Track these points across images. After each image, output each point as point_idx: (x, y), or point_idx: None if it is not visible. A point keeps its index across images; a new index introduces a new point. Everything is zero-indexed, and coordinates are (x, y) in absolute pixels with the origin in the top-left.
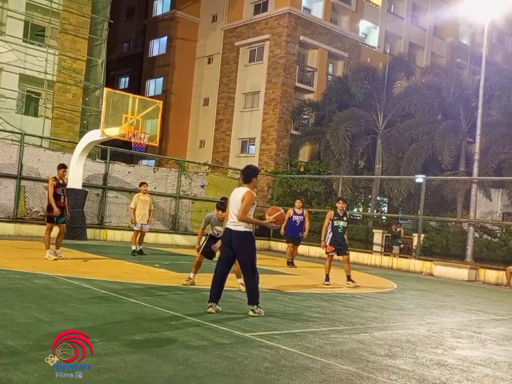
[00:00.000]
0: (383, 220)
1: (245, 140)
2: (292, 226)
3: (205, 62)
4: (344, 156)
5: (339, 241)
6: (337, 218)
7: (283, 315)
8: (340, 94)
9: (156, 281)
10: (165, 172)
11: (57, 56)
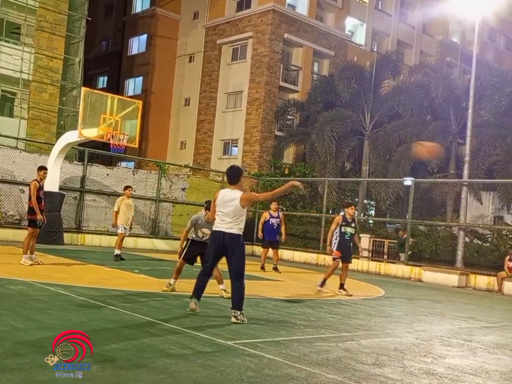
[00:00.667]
0: (370, 224)
1: (227, 142)
2: (269, 230)
3: (186, 60)
4: (329, 158)
5: (345, 248)
6: (345, 224)
7: (266, 323)
8: (326, 94)
9: (135, 287)
10: (144, 174)
11: (33, 55)
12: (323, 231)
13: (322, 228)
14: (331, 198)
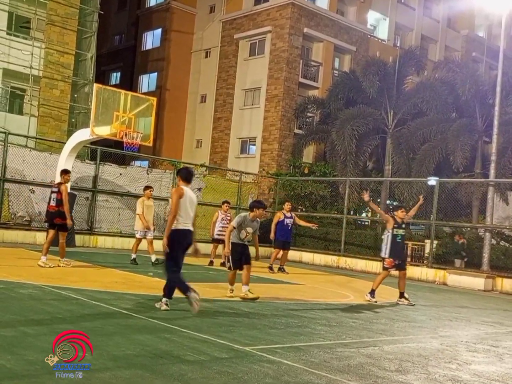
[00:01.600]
0: None
1: (245, 140)
2: (284, 230)
3: (202, 56)
4: (350, 157)
5: (399, 254)
6: (397, 226)
7: (285, 328)
8: (347, 90)
9: (149, 291)
10: (159, 174)
11: (43, 50)
12: (344, 233)
13: (343, 229)
14: (352, 199)
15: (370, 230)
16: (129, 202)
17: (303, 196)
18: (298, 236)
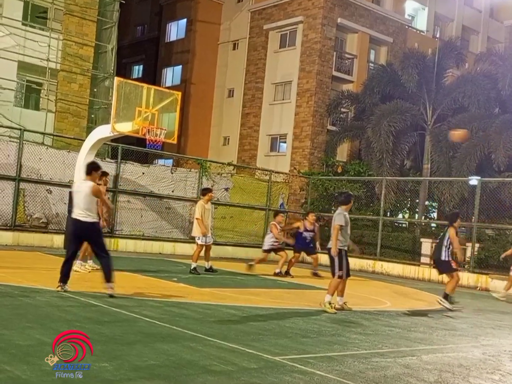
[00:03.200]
0: (432, 227)
1: (275, 137)
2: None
3: (230, 48)
4: (387, 155)
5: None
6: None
7: (318, 336)
8: (383, 84)
9: (174, 297)
10: (184, 173)
11: (61, 41)
12: (380, 235)
13: (379, 232)
14: (389, 199)
15: (407, 233)
16: (152, 203)
17: (336, 197)
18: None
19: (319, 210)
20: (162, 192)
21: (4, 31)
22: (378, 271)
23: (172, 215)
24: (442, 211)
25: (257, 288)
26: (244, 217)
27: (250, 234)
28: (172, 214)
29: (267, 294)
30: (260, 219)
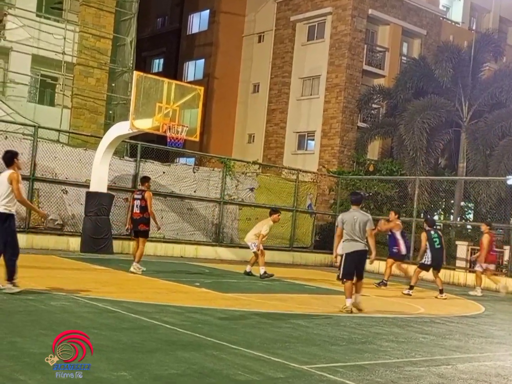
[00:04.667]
0: (468, 230)
1: (302, 134)
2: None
3: (255, 40)
4: (420, 153)
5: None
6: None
7: (348, 344)
8: (417, 79)
9: (196, 302)
10: (207, 172)
11: (77, 34)
12: (414, 238)
13: (412, 234)
14: (423, 200)
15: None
16: (173, 204)
17: (367, 197)
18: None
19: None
20: (184, 192)
21: (18, 23)
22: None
23: (194, 216)
24: (478, 212)
25: (284, 293)
26: None
27: (276, 236)
28: (194, 216)
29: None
30: (286, 221)
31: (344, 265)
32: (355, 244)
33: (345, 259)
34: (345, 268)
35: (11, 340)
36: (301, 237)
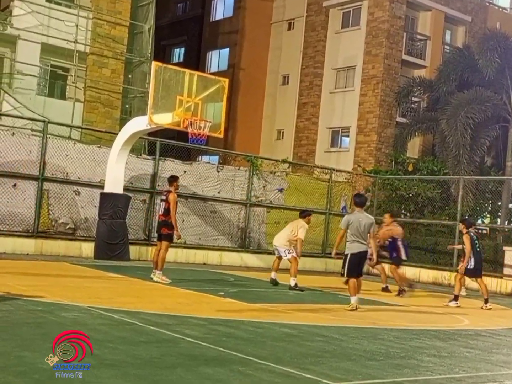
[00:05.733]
0: None
1: (336, 130)
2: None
3: (284, 28)
4: (464, 151)
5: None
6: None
7: (386, 359)
8: (461, 70)
9: (220, 314)
10: (231, 171)
11: (90, 21)
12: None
13: (456, 238)
14: (467, 202)
15: (488, 240)
16: (195, 206)
17: (407, 199)
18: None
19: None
20: (207, 193)
21: (26, 9)
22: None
23: (218, 220)
24: None
25: (316, 303)
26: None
27: (307, 241)
28: (218, 219)
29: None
30: (319, 224)
31: (349, 264)
32: (359, 245)
33: (350, 258)
34: (350, 267)
35: (19, 354)
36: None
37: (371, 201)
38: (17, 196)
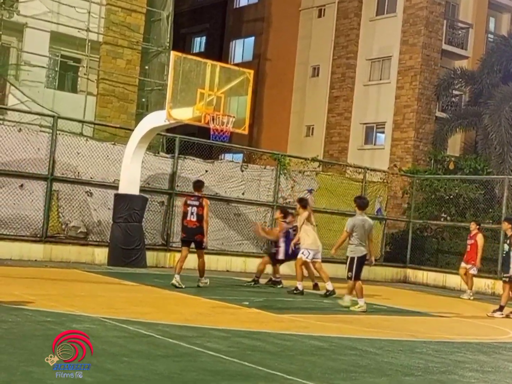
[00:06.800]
0: None
1: (370, 126)
2: None
3: (314, 15)
4: (508, 149)
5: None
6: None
7: (424, 374)
8: (506, 60)
9: (244, 325)
10: (257, 171)
11: (104, 7)
12: (501, 249)
13: (500, 244)
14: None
15: None
16: (217, 208)
17: (447, 200)
18: (440, 253)
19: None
20: (230, 194)
21: None
22: (500, 292)
23: (243, 223)
24: None
25: (348, 314)
26: (332, 226)
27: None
28: (242, 222)
29: (361, 321)
30: None
31: (356, 268)
32: (363, 249)
33: (357, 262)
34: (357, 270)
35: (26, 369)
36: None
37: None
38: (24, 198)
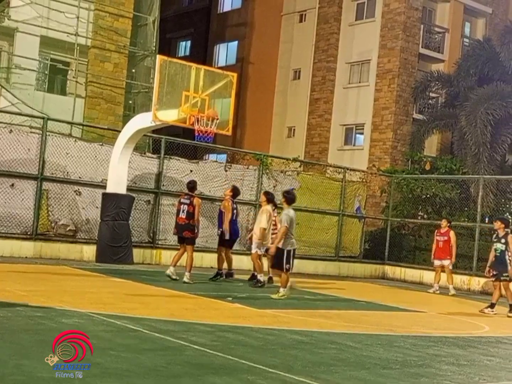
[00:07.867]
0: None
1: (350, 127)
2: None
3: (296, 20)
4: (484, 149)
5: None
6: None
7: (402, 367)
8: (481, 64)
9: (228, 320)
10: (240, 171)
11: (92, 12)
12: (477, 246)
13: (476, 241)
14: (487, 202)
15: None
16: (202, 207)
17: (424, 199)
18: (418, 250)
19: (404, 215)
20: (214, 193)
21: (25, 0)
22: (475, 288)
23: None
24: None
25: (329, 309)
26: (313, 224)
27: (320, 244)
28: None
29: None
30: (332, 226)
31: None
32: (294, 241)
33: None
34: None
35: (17, 362)
36: (348, 245)
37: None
38: (15, 197)
